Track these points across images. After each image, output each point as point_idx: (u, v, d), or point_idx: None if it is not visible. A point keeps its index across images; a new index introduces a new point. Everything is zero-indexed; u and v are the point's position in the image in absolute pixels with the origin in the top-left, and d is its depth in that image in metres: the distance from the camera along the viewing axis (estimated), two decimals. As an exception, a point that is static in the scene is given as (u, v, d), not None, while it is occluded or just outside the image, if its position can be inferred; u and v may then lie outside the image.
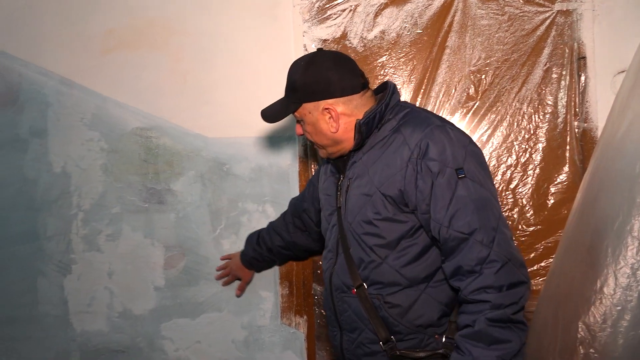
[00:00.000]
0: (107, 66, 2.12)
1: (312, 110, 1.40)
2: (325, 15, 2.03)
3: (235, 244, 2.11)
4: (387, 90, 1.41)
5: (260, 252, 1.95)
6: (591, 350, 1.61)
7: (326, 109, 1.38)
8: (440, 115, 1.98)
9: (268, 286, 2.11)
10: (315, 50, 1.63)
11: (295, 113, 1.44)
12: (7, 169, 2.15)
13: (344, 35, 2.03)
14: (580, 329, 1.65)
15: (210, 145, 2.11)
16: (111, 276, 2.16)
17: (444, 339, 1.33)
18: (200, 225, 2.13)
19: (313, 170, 2.08)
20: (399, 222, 1.31)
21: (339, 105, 1.38)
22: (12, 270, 2.18)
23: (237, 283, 2.10)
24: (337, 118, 1.38)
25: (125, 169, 2.14)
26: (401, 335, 1.32)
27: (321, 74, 1.38)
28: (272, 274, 2.11)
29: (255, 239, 1.97)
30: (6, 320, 2.18)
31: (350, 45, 2.03)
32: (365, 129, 1.36)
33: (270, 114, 1.49)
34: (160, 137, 2.12)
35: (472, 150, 1.29)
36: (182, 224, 2.13)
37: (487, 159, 1.98)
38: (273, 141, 2.09)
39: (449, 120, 1.42)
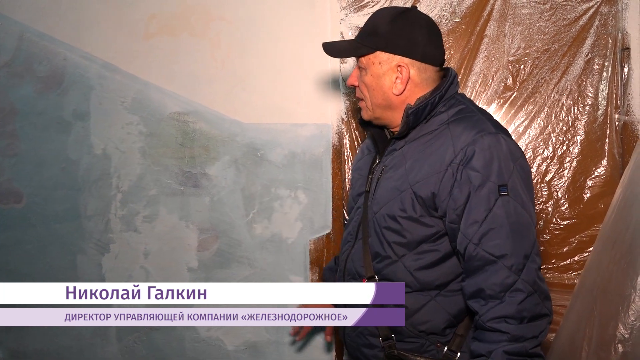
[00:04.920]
0: (148, 51, 2.17)
1: (384, 62, 1.28)
2: (362, 3, 2.02)
3: (268, 229, 2.15)
4: (447, 79, 1.30)
5: None
6: (629, 349, 1.58)
7: (399, 66, 1.27)
8: (476, 104, 1.98)
9: (298, 271, 2.14)
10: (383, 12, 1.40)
11: (363, 59, 1.31)
12: (51, 150, 2.23)
13: (381, 23, 2.03)
14: (618, 327, 1.62)
15: (246, 131, 2.15)
16: (147, 256, 2.23)
17: (445, 349, 1.27)
18: (234, 209, 2.17)
19: (346, 158, 2.09)
20: (424, 224, 1.24)
21: (413, 68, 1.28)
22: (53, 248, 2.26)
23: None
24: (406, 81, 1.27)
25: (162, 153, 2.19)
26: (402, 336, 1.29)
27: (409, 30, 1.28)
28: (303, 259, 2.14)
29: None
30: (47, 294, 2.28)
31: (387, 33, 2.02)
32: (413, 119, 1.27)
33: (335, 49, 1.37)
34: (197, 121, 2.17)
35: (521, 166, 1.19)
36: (216, 207, 2.18)
37: (523, 150, 1.96)
38: (307, 128, 2.11)
39: (505, 128, 1.30)
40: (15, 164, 2.25)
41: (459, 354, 1.27)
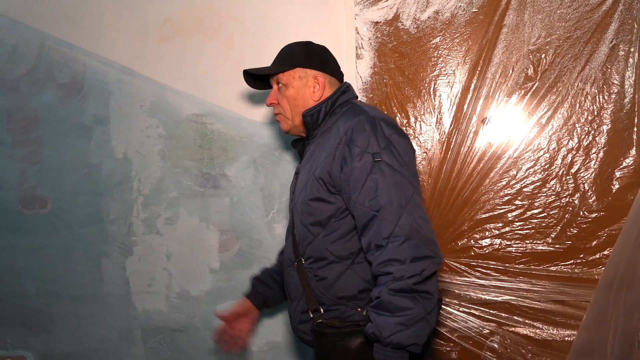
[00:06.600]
0: (165, 54, 2.18)
1: (303, 75, 1.55)
2: (377, -3, 2.00)
3: (288, 228, 2.14)
4: (338, 89, 1.57)
5: (276, 290, 1.82)
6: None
7: (316, 78, 1.55)
8: (497, 96, 1.93)
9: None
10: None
11: (282, 75, 1.56)
12: (73, 155, 2.26)
13: (397, 17, 2.00)
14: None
15: (263, 130, 2.14)
16: (169, 258, 2.24)
17: (365, 312, 1.42)
18: (254, 210, 2.17)
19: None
20: (328, 202, 1.43)
21: (325, 80, 1.56)
22: (77, 251, 2.30)
23: None
24: (322, 89, 1.55)
25: (181, 155, 2.20)
26: (326, 305, 1.46)
27: (321, 51, 1.60)
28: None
29: (271, 277, 1.81)
30: (72, 298, 2.31)
31: (403, 27, 1.99)
32: (310, 120, 1.53)
33: (257, 71, 1.62)
34: (214, 123, 2.17)
35: (396, 140, 1.40)
36: (236, 208, 2.18)
37: (546, 142, 1.92)
38: (325, 126, 2.09)
39: (386, 116, 1.49)
40: (40, 170, 2.29)
41: None
